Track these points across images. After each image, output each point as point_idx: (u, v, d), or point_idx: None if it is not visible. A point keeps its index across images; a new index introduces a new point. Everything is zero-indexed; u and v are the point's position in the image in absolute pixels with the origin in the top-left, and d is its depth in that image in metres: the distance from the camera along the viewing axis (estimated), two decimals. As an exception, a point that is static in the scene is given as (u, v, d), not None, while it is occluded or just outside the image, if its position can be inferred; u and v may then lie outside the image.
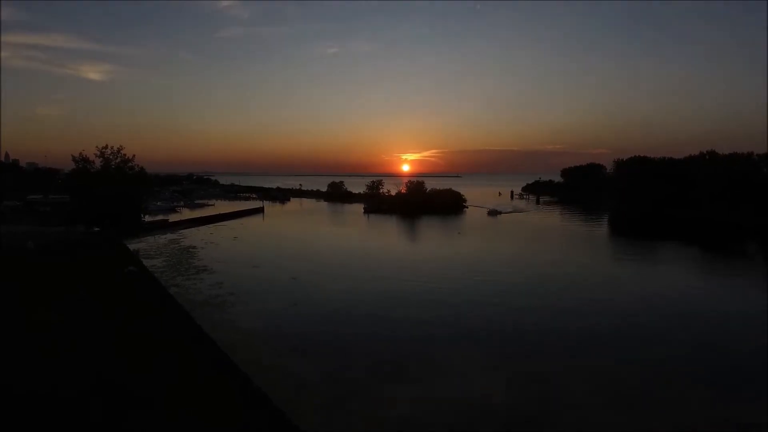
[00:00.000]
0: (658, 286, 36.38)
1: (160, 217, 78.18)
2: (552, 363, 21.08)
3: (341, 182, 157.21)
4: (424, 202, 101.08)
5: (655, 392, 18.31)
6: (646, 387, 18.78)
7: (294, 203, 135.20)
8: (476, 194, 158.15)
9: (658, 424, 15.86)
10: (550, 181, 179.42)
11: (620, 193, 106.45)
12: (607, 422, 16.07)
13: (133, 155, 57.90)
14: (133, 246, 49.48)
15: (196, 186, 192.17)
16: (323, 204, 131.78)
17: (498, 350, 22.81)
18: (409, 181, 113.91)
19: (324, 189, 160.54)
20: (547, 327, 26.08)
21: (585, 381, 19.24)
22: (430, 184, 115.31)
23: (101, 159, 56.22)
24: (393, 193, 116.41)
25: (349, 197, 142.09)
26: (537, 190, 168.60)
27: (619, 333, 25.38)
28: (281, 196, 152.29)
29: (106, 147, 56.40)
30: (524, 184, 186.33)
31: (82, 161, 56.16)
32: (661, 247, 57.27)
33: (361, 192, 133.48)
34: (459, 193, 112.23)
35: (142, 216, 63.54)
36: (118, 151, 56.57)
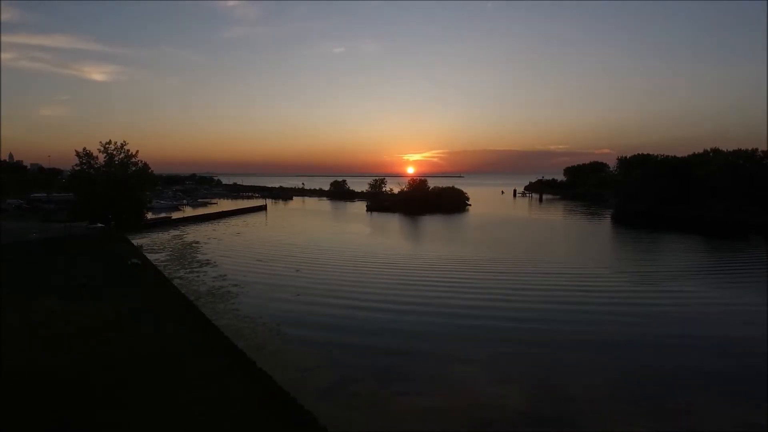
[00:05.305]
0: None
1: (162, 215, 78.22)
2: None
3: (343, 181, 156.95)
4: (427, 200, 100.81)
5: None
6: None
7: (297, 201, 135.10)
8: (479, 193, 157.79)
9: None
10: (553, 179, 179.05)
11: (625, 191, 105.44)
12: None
13: (137, 150, 57.52)
14: (136, 242, 49.36)
15: (198, 186, 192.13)
16: (326, 202, 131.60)
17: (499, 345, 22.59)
18: (412, 179, 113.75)
19: (326, 188, 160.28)
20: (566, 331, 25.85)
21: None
22: (433, 184, 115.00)
23: (105, 154, 55.87)
24: (396, 191, 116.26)
25: (351, 195, 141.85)
26: (540, 188, 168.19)
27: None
28: (284, 194, 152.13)
29: (109, 142, 56.03)
30: (527, 183, 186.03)
31: (85, 156, 55.83)
32: (680, 249, 55.07)
33: (364, 191, 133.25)
34: (462, 191, 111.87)
35: (145, 213, 63.25)
36: (122, 146, 56.21)
